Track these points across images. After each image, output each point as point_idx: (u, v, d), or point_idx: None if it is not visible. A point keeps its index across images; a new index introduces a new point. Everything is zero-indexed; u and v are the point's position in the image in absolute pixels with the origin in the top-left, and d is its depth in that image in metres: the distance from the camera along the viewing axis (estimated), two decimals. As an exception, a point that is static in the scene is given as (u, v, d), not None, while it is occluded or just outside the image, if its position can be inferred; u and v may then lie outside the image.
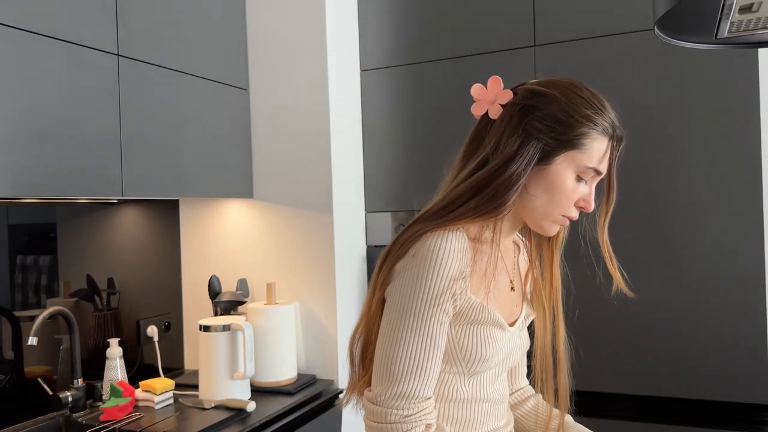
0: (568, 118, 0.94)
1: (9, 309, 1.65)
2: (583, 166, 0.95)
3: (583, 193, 0.99)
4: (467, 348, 0.97)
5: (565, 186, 0.96)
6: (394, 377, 0.92)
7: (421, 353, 0.92)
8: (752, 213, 1.69)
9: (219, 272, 2.13)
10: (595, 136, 0.95)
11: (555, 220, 1.00)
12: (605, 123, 0.96)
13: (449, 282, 0.91)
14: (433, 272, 0.91)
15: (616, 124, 0.98)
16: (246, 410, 1.67)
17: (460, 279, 0.92)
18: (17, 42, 1.33)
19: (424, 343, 0.92)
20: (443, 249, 0.91)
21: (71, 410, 1.66)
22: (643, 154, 1.81)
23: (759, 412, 1.69)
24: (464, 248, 0.93)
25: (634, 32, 1.82)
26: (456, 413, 1.01)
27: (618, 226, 1.84)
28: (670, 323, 1.78)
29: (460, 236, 0.93)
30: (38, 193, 1.38)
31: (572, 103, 0.95)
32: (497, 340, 0.99)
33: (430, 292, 0.91)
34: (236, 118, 2.04)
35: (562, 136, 0.94)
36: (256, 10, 2.09)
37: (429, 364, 0.93)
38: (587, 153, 0.95)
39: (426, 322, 0.92)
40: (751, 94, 1.70)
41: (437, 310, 0.92)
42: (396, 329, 0.93)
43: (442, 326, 0.93)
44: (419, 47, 2.12)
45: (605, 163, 0.97)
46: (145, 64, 1.66)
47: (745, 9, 0.79)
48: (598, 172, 0.97)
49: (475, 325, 0.97)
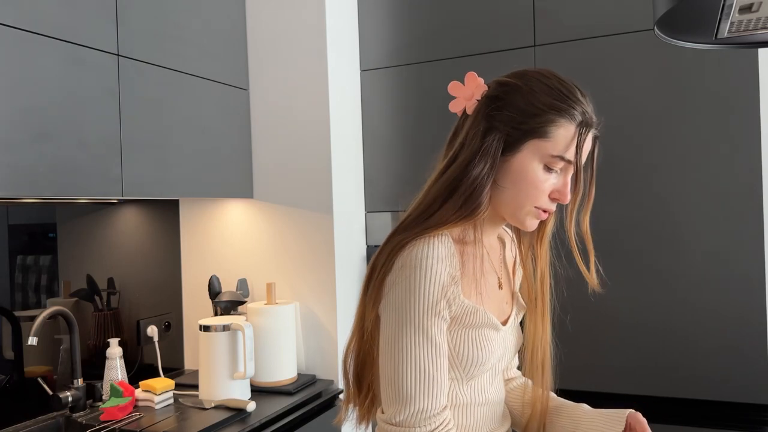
0: (529, 106, 0.92)
1: (9, 309, 1.65)
2: (549, 155, 0.92)
3: (555, 185, 0.96)
4: (464, 353, 0.95)
5: (532, 176, 0.93)
6: (408, 395, 0.88)
7: (429, 365, 0.89)
8: (752, 213, 1.69)
9: (219, 272, 2.13)
10: (560, 123, 0.92)
11: (529, 212, 0.97)
12: (572, 110, 0.93)
13: (442, 288, 0.89)
14: (425, 281, 0.88)
15: (586, 111, 0.95)
16: (246, 410, 1.67)
17: (452, 284, 0.91)
18: (17, 42, 1.33)
19: (429, 355, 0.89)
20: (431, 256, 0.89)
21: (71, 410, 1.66)
22: (643, 154, 1.81)
23: (759, 412, 1.69)
24: (451, 252, 0.91)
25: (634, 32, 1.82)
26: (456, 419, 0.99)
27: (618, 226, 1.84)
28: (670, 323, 1.78)
29: (445, 240, 0.92)
30: (38, 193, 1.38)
31: (535, 92, 0.93)
32: (492, 342, 0.98)
33: (426, 301, 0.89)
34: (236, 118, 2.04)
35: (523, 125, 0.92)
36: (256, 10, 2.09)
37: (438, 374, 0.90)
38: (552, 141, 0.92)
39: (427, 333, 0.89)
40: (751, 94, 1.70)
41: (436, 318, 0.89)
42: (397, 346, 0.90)
43: (442, 334, 0.91)
44: (419, 47, 2.12)
45: (573, 151, 0.94)
46: (145, 64, 1.66)
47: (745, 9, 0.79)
48: (567, 161, 0.94)
49: (470, 329, 0.95)
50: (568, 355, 1.90)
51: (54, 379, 1.73)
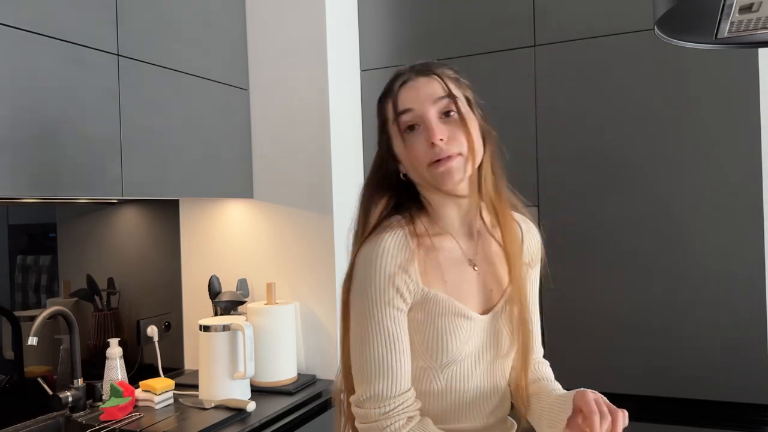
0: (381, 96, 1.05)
1: (9, 309, 1.65)
2: (394, 119, 1.00)
3: (425, 136, 0.97)
4: (430, 340, 0.98)
5: (403, 146, 1.00)
6: (366, 379, 0.96)
7: (383, 352, 0.95)
8: (752, 212, 1.69)
9: (219, 272, 2.13)
10: (386, 102, 1.03)
11: (430, 172, 0.98)
12: (386, 87, 1.04)
13: (388, 278, 0.95)
14: (372, 275, 0.96)
15: (391, 79, 1.05)
16: (246, 410, 1.67)
17: (401, 273, 0.95)
18: (18, 42, 1.33)
19: (383, 343, 0.95)
20: (376, 251, 0.96)
21: (71, 410, 1.66)
22: (643, 154, 1.81)
23: (759, 412, 1.69)
24: (400, 245, 0.97)
25: (634, 32, 1.82)
26: (431, 405, 1.02)
27: (618, 225, 1.84)
28: (670, 323, 1.78)
29: (395, 234, 0.98)
30: (38, 193, 1.38)
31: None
32: (462, 331, 0.98)
33: (374, 293, 0.95)
34: (236, 118, 2.04)
35: (379, 112, 1.05)
36: (256, 10, 2.09)
37: (393, 361, 0.95)
38: (390, 109, 1.01)
39: (379, 322, 0.95)
40: (751, 94, 1.70)
41: (386, 307, 0.95)
42: (357, 336, 0.97)
43: (396, 322, 0.96)
44: (419, 47, 2.12)
45: (413, 101, 0.99)
46: (145, 64, 1.66)
47: (745, 9, 0.79)
48: (404, 112, 0.99)
49: (437, 317, 0.98)
50: (568, 355, 1.90)
51: (54, 379, 1.73)
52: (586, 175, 1.88)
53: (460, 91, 1.01)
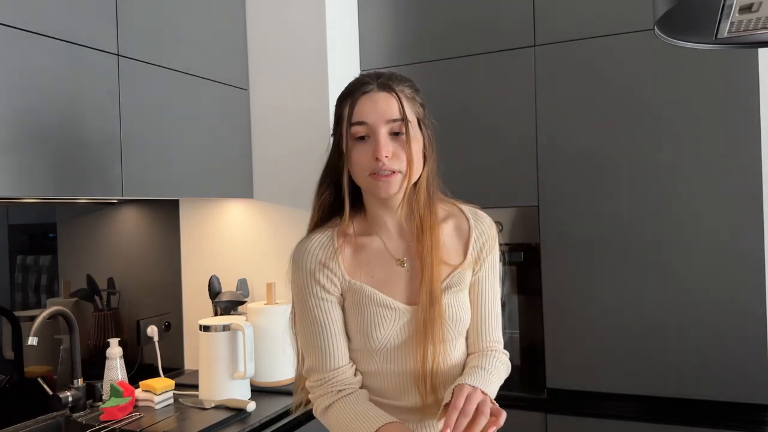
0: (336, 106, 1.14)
1: (9, 309, 1.65)
2: (347, 124, 1.08)
3: (373, 149, 1.06)
4: (359, 326, 1.11)
5: (351, 151, 1.08)
6: (305, 355, 1.15)
7: (310, 334, 1.13)
8: (752, 212, 1.69)
9: (219, 272, 2.13)
10: (344, 104, 1.10)
11: (369, 181, 1.08)
12: (348, 90, 1.12)
13: (308, 273, 1.12)
14: (296, 271, 1.14)
15: (358, 81, 1.11)
16: (246, 410, 1.67)
17: (321, 267, 1.12)
18: (17, 42, 1.33)
19: (310, 326, 1.13)
20: (298, 251, 1.15)
21: (71, 410, 1.66)
22: (643, 153, 1.81)
23: (759, 412, 1.69)
24: (323, 243, 1.13)
25: (634, 32, 1.82)
26: (372, 383, 1.15)
27: (617, 225, 1.84)
28: (670, 323, 1.78)
29: (320, 234, 1.15)
30: (38, 193, 1.38)
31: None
32: (385, 319, 1.10)
33: (298, 284, 1.13)
34: (236, 118, 2.04)
35: (337, 109, 1.13)
36: (256, 10, 2.09)
37: (321, 341, 1.12)
38: (346, 113, 1.09)
39: (305, 309, 1.13)
40: (751, 94, 1.70)
41: (310, 297, 1.12)
42: (297, 319, 1.17)
43: (321, 310, 1.12)
44: (419, 47, 2.12)
45: (370, 116, 1.06)
46: (145, 64, 1.66)
47: (745, 9, 0.79)
48: (357, 123, 1.07)
49: (363, 306, 1.11)
50: (568, 355, 1.90)
51: (54, 379, 1.73)
52: (586, 175, 1.88)
53: (413, 111, 1.10)
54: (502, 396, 1.16)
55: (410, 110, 1.09)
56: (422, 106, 1.14)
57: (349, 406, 1.08)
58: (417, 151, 1.09)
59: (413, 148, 1.07)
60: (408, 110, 1.08)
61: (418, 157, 1.09)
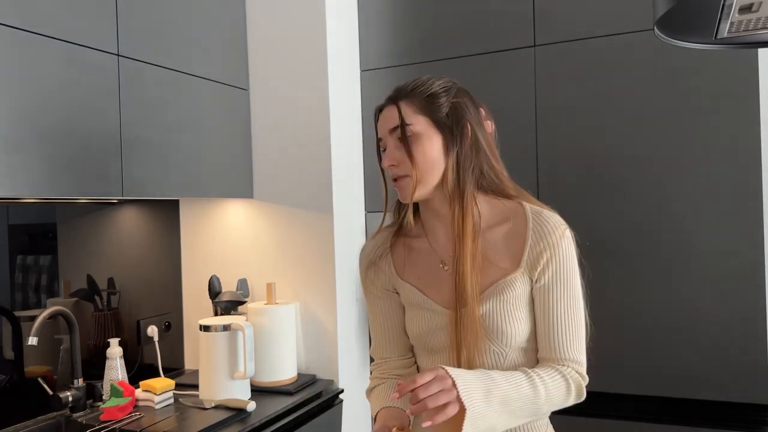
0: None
1: (9, 309, 1.65)
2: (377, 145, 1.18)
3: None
4: (406, 325, 1.19)
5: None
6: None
7: (369, 325, 1.26)
8: (752, 213, 1.69)
9: (219, 272, 2.13)
10: (374, 117, 1.20)
11: (394, 186, 1.15)
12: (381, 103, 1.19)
13: (363, 270, 1.24)
14: (359, 267, 1.26)
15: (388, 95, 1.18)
16: (246, 410, 1.67)
17: (372, 266, 1.22)
18: (17, 42, 1.33)
19: (370, 318, 1.25)
20: (361, 249, 1.27)
21: (71, 410, 1.66)
22: (643, 154, 1.81)
23: (759, 412, 1.69)
24: (377, 244, 1.23)
25: (634, 32, 1.82)
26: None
27: (617, 225, 1.84)
28: (670, 323, 1.78)
29: (379, 236, 1.24)
30: (38, 193, 1.38)
31: None
32: (422, 319, 1.15)
33: (360, 280, 1.26)
34: (236, 118, 2.04)
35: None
36: (256, 10, 2.09)
37: (373, 332, 1.25)
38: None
39: (366, 303, 1.26)
40: (751, 94, 1.70)
41: (366, 292, 1.25)
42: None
43: (373, 305, 1.23)
44: (419, 47, 2.12)
45: (381, 130, 1.15)
46: (145, 64, 1.66)
47: (745, 9, 0.79)
48: (378, 139, 1.17)
49: (407, 304, 1.19)
50: (568, 355, 1.90)
51: (54, 379, 1.73)
52: (586, 175, 1.88)
53: (424, 114, 1.11)
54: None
55: (415, 114, 1.10)
56: (446, 106, 1.11)
57: (382, 393, 1.19)
58: (423, 152, 1.09)
59: (415, 150, 1.08)
60: (410, 115, 1.10)
61: (423, 159, 1.08)
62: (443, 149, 1.10)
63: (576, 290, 1.11)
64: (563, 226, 1.12)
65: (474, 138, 1.11)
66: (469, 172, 1.10)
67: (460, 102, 1.12)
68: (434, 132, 1.10)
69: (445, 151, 1.10)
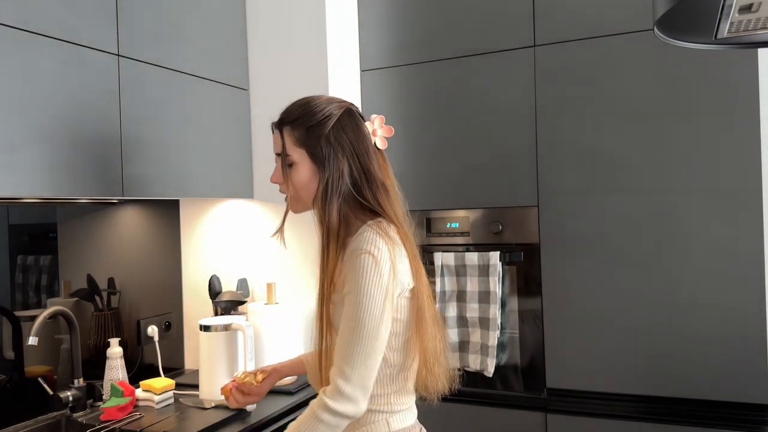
0: None
1: (9, 309, 1.65)
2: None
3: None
4: None
5: None
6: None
7: None
8: (752, 213, 1.69)
9: (219, 272, 2.13)
10: None
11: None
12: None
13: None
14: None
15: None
16: (246, 410, 1.67)
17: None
18: (17, 42, 1.33)
19: None
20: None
21: (71, 410, 1.66)
22: (643, 153, 1.81)
23: (759, 412, 1.69)
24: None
25: (634, 32, 1.82)
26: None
27: (617, 225, 1.84)
28: (670, 323, 1.78)
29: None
30: (38, 193, 1.38)
31: None
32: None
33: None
34: (236, 118, 2.04)
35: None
36: (256, 10, 2.09)
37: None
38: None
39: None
40: (751, 94, 1.70)
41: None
42: None
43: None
44: (419, 47, 2.12)
45: (275, 146, 1.30)
46: (145, 64, 1.67)
47: (744, 9, 0.79)
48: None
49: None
50: (568, 355, 1.90)
51: (54, 379, 1.73)
52: (586, 175, 1.88)
53: (302, 147, 1.23)
54: (502, 396, 1.16)
55: (294, 146, 1.24)
56: (324, 139, 1.21)
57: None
58: (298, 178, 1.24)
59: (292, 175, 1.25)
60: (290, 146, 1.25)
61: (299, 183, 1.24)
62: (315, 177, 1.23)
63: (356, 308, 1.12)
64: (359, 250, 1.15)
65: (347, 167, 1.21)
66: (335, 198, 1.20)
67: (338, 133, 1.22)
68: (309, 163, 1.23)
69: (317, 179, 1.22)
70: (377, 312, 1.12)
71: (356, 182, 1.22)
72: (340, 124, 1.23)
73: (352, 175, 1.22)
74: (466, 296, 2.01)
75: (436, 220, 2.10)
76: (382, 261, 1.13)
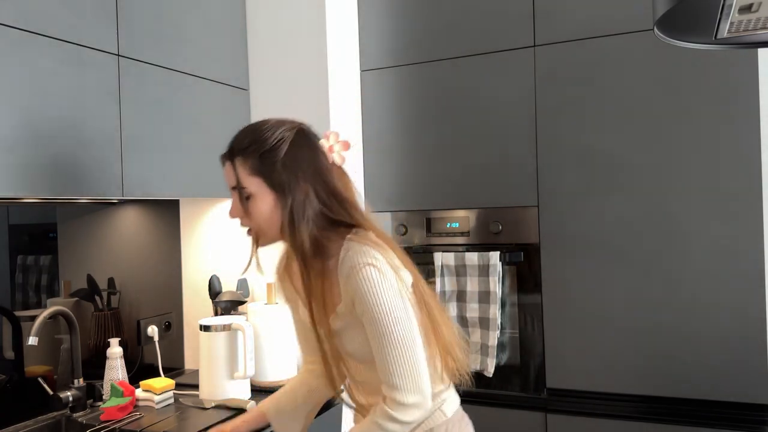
0: None
1: (9, 309, 1.65)
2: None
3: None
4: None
5: None
6: None
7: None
8: (752, 212, 1.69)
9: (219, 272, 2.13)
10: None
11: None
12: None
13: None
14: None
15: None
16: (246, 410, 1.67)
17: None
18: (17, 42, 1.33)
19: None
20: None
21: (71, 410, 1.66)
22: (642, 153, 1.81)
23: (759, 411, 1.69)
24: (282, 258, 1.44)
25: (634, 32, 1.82)
26: None
27: (617, 226, 1.84)
28: (670, 323, 1.78)
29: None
30: (38, 193, 1.38)
31: None
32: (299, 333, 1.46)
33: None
34: (236, 118, 2.04)
35: None
36: (256, 10, 2.09)
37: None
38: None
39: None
40: (751, 94, 1.70)
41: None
42: None
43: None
44: (419, 47, 2.12)
45: (228, 179, 1.22)
46: (145, 64, 1.67)
47: (744, 9, 0.79)
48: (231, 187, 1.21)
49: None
50: (568, 355, 1.90)
51: (54, 379, 1.73)
52: (586, 175, 1.88)
53: (257, 176, 1.16)
54: (502, 396, 1.16)
55: (248, 176, 1.17)
56: (279, 163, 1.16)
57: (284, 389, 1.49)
58: (258, 210, 1.17)
59: (252, 208, 1.18)
60: (244, 177, 1.18)
61: (260, 215, 1.17)
62: (277, 206, 1.16)
63: (382, 322, 1.11)
64: (358, 265, 1.13)
65: (311, 189, 1.17)
66: (303, 224, 1.15)
67: (294, 156, 1.17)
68: (267, 192, 1.16)
69: (280, 207, 1.16)
70: (403, 317, 1.11)
71: (326, 203, 1.18)
72: (295, 146, 1.18)
73: (320, 197, 1.17)
74: (466, 296, 2.01)
75: (436, 220, 2.10)
76: (384, 267, 1.12)
